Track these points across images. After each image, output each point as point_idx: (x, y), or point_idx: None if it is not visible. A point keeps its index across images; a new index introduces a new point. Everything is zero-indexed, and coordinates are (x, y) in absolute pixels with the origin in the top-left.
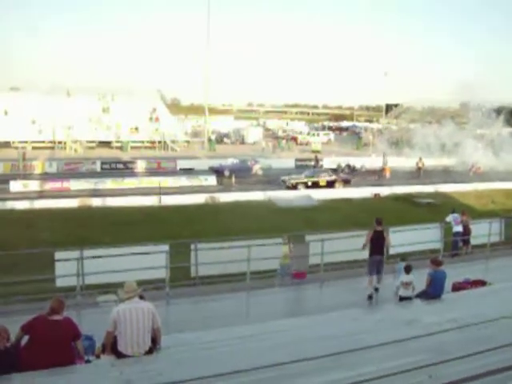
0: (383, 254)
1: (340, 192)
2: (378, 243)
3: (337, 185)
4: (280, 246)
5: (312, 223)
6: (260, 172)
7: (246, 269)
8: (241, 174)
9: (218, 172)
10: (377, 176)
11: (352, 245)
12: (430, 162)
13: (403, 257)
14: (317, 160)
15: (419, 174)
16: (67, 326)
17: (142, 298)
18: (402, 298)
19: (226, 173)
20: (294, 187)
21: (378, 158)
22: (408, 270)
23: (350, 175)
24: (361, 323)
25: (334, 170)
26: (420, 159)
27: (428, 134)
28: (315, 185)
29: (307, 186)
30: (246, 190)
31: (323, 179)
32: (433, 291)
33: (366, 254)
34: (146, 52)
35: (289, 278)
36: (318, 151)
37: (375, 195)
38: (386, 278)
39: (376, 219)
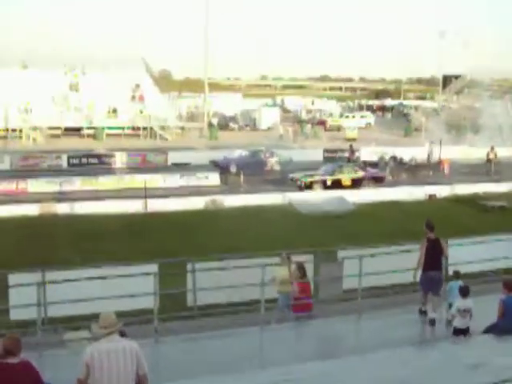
0: (441, 269)
1: (384, 193)
2: (434, 255)
3: (365, 183)
4: (308, 265)
5: (347, 235)
6: (277, 167)
7: (259, 296)
8: (251, 171)
9: (221, 167)
10: (432, 171)
11: (399, 263)
12: (503, 153)
13: (457, 274)
14: (352, 151)
15: (489, 169)
16: (25, 372)
17: (122, 335)
18: (457, 330)
19: (232, 168)
20: (308, 187)
21: (433, 147)
22: (465, 292)
23: (395, 170)
24: (412, 367)
25: (375, 165)
26: (492, 149)
27: (500, 114)
28: (337, 184)
29: (326, 186)
30: (258, 191)
31: (347, 176)
32: (506, 324)
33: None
34: (126, 11)
35: (288, 311)
36: (353, 139)
37: (430, 197)
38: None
39: (426, 223)
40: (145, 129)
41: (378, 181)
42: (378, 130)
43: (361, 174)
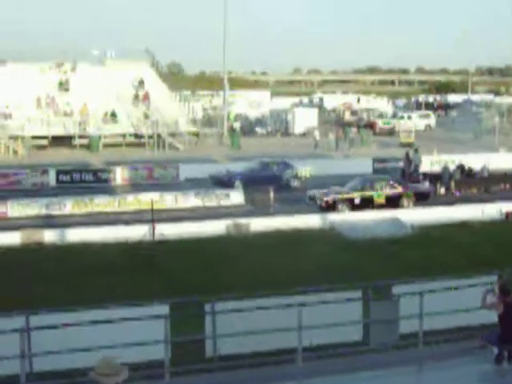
0: None
1: (450, 212)
2: (510, 324)
3: (405, 201)
4: (356, 304)
5: (404, 265)
6: (294, 183)
7: (295, 343)
8: (263, 187)
9: (223, 183)
10: (509, 184)
11: (470, 300)
12: None
13: None
14: (409, 159)
15: None
16: None
17: None
18: None
19: (237, 185)
20: (331, 207)
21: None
22: None
23: (463, 183)
24: None
25: (437, 177)
26: None
27: None
28: (367, 203)
29: (353, 206)
30: (291, 212)
31: (381, 193)
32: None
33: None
34: None
35: None
36: (410, 144)
37: (508, 215)
38: None
39: (500, 286)
40: (151, 137)
41: (421, 198)
42: (441, 133)
43: (399, 189)
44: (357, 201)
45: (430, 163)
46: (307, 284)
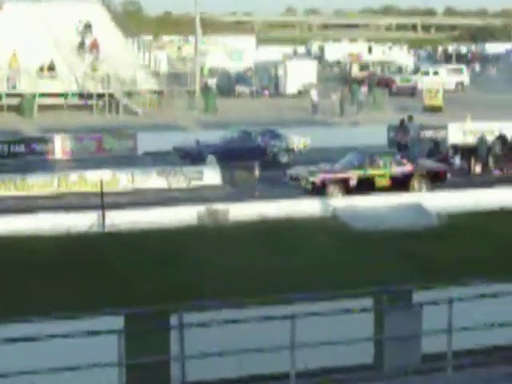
0: None
1: (489, 196)
2: None
3: (415, 183)
4: (366, 316)
5: (428, 264)
6: (284, 158)
7: (287, 367)
8: (245, 163)
9: (191, 158)
10: None
11: None
12: None
13: None
14: (404, 129)
15: None
16: None
17: None
18: None
19: (210, 160)
20: (319, 189)
21: None
22: None
23: (504, 158)
24: None
25: (472, 152)
26: None
27: None
28: (367, 184)
29: (349, 188)
30: (281, 196)
31: (384, 172)
32: None
33: None
34: None
35: None
36: (437, 108)
37: None
38: None
39: None
40: (101, 96)
41: (435, 179)
42: (476, 95)
43: (407, 168)
44: (353, 182)
45: (461, 133)
46: (302, 289)
